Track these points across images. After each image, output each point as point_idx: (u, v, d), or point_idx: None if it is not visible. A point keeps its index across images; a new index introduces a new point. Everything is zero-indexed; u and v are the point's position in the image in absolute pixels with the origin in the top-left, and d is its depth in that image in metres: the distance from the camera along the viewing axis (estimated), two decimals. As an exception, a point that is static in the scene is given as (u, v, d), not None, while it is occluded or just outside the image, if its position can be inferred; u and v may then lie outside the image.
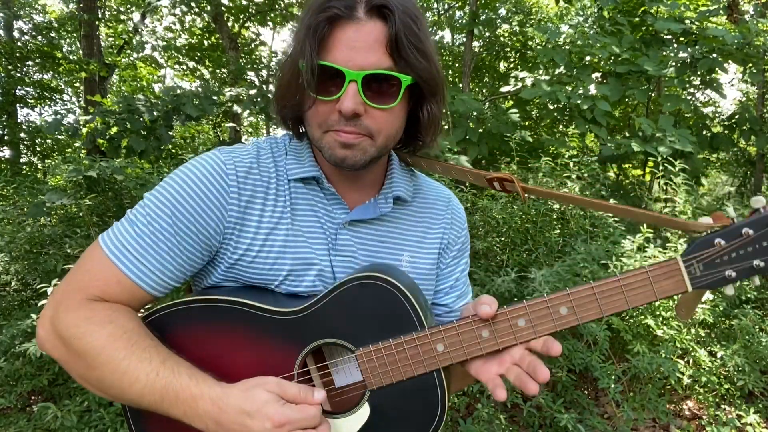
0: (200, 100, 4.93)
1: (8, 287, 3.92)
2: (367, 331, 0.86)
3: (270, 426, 0.75)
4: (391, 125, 0.88)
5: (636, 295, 0.79)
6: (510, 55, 9.44)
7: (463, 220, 1.12)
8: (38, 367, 2.80)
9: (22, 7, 10.46)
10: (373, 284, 0.86)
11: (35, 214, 3.51)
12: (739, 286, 3.56)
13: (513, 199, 4.00)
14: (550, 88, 4.54)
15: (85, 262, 0.89)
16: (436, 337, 0.84)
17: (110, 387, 0.82)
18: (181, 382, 0.79)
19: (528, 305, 0.82)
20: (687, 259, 0.78)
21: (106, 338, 0.81)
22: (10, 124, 9.20)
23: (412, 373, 0.85)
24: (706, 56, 4.59)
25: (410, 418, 0.86)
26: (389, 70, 0.82)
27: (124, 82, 13.64)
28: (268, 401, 0.77)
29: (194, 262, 0.91)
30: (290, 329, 0.87)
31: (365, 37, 0.80)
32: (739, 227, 0.75)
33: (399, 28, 0.80)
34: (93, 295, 0.86)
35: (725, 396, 3.50)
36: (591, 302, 0.80)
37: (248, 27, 10.41)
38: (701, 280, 0.77)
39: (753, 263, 0.75)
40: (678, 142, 4.15)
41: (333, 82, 0.82)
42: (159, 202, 0.87)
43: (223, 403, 0.77)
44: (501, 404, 3.12)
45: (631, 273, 0.79)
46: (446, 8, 10.30)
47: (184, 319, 0.90)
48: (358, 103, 0.82)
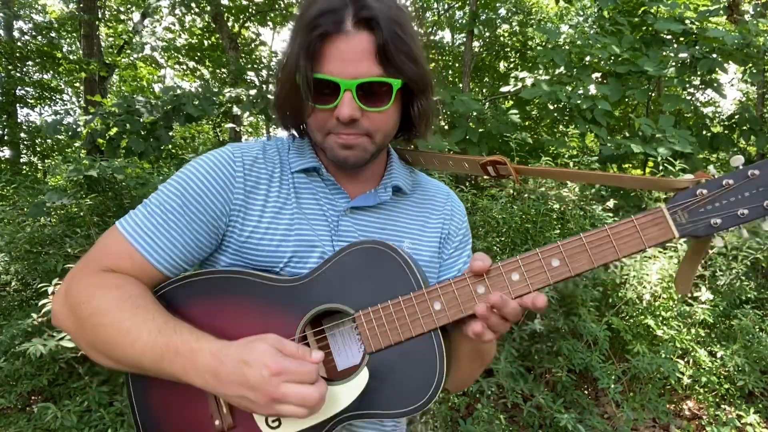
0: (200, 100, 4.93)
1: (8, 287, 3.92)
2: (365, 295, 0.88)
3: (267, 373, 0.76)
4: (386, 124, 0.94)
5: (625, 244, 0.80)
6: (510, 55, 9.44)
7: (462, 213, 1.16)
8: (38, 367, 2.80)
9: (22, 7, 10.45)
10: (369, 248, 0.89)
11: (35, 214, 3.51)
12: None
13: (513, 199, 4.00)
14: (550, 88, 4.54)
15: (100, 241, 0.96)
16: (433, 295, 0.86)
17: (114, 348, 0.85)
18: (182, 338, 0.82)
19: (521, 258, 0.83)
20: (671, 207, 0.80)
21: (112, 301, 0.85)
22: (10, 124, 9.20)
23: (410, 333, 0.86)
24: (706, 56, 4.58)
25: (409, 382, 0.86)
26: (380, 77, 0.87)
27: (124, 82, 13.64)
28: (266, 351, 0.78)
29: (202, 243, 0.95)
30: (290, 298, 0.90)
31: (354, 48, 0.85)
32: (720, 179, 0.79)
33: (385, 38, 0.84)
34: (105, 267, 0.91)
35: (725, 396, 3.50)
36: (581, 252, 0.82)
37: (248, 27, 10.41)
38: (687, 227, 0.80)
39: (737, 212, 0.78)
40: (678, 143, 4.15)
41: (329, 92, 0.88)
42: (171, 187, 0.95)
43: (222, 354, 0.79)
44: (501, 404, 3.12)
45: (618, 223, 0.81)
46: (446, 8, 10.30)
47: (188, 292, 0.93)
48: (354, 109, 0.87)
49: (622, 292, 3.36)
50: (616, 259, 0.82)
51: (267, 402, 0.77)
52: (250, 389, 0.77)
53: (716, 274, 3.62)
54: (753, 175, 0.78)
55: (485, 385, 2.84)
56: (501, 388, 2.94)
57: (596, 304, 3.37)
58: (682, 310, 3.44)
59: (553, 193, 3.77)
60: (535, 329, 3.08)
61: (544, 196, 3.78)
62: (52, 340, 2.37)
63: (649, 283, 3.32)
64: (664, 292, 3.36)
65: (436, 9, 10.52)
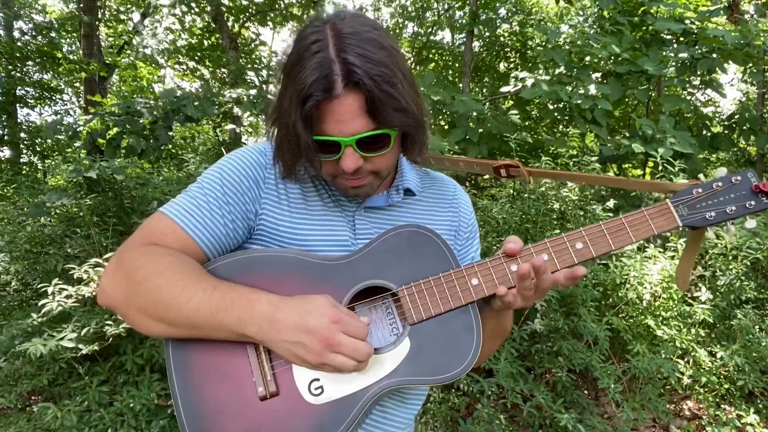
0: (200, 101, 4.93)
1: (8, 287, 3.92)
2: (407, 272, 0.97)
3: (327, 321, 0.83)
4: (390, 161, 1.01)
5: (638, 230, 0.95)
6: (510, 55, 9.44)
7: (469, 206, 1.23)
8: (38, 367, 2.80)
9: (22, 7, 10.45)
10: (409, 231, 0.99)
11: (35, 214, 3.51)
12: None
13: (513, 199, 4.00)
14: (550, 88, 4.54)
15: (146, 223, 1.01)
16: (470, 272, 0.96)
17: (169, 307, 0.88)
18: (238, 290, 0.89)
19: (549, 242, 0.96)
20: (674, 201, 0.97)
21: (166, 264, 0.91)
22: (10, 124, 9.19)
23: (449, 305, 0.95)
24: (706, 56, 4.58)
25: (448, 350, 0.94)
26: (375, 130, 0.92)
27: (124, 82, 13.64)
28: (325, 302, 0.86)
29: (237, 228, 1.01)
30: (335, 275, 0.97)
31: (348, 109, 0.89)
32: (711, 182, 0.98)
33: (375, 94, 0.87)
34: (152, 242, 0.97)
35: (725, 396, 3.50)
36: (602, 237, 0.95)
37: (248, 27, 10.41)
38: (687, 219, 0.96)
39: (726, 209, 0.96)
40: (678, 144, 4.15)
41: (331, 148, 0.93)
42: (210, 175, 1.03)
43: (280, 304, 0.86)
44: (501, 404, 3.12)
45: (631, 213, 0.97)
46: (446, 8, 10.30)
47: (235, 269, 0.97)
48: (356, 160, 0.93)
49: (622, 292, 3.36)
50: (630, 243, 0.95)
51: (322, 348, 0.82)
52: (307, 333, 0.83)
53: (716, 274, 3.62)
54: (736, 181, 0.96)
55: (485, 385, 2.84)
56: (501, 388, 2.94)
57: (596, 304, 3.37)
58: (682, 310, 3.43)
59: (552, 194, 3.77)
60: (535, 329, 3.08)
61: (544, 196, 3.78)
62: (52, 340, 2.38)
63: (649, 283, 3.32)
64: (664, 292, 3.36)
65: (436, 9, 10.52)
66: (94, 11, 8.27)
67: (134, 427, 2.46)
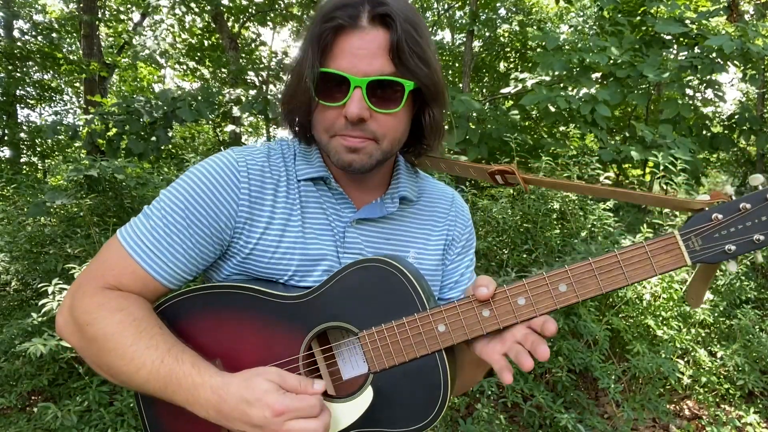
0: (197, 103, 4.92)
1: (8, 287, 3.92)
2: (370, 314, 0.88)
3: (269, 414, 0.76)
4: (395, 129, 0.91)
5: (635, 271, 0.79)
6: (510, 55, 9.44)
7: (467, 217, 1.14)
8: (38, 367, 2.80)
9: (22, 7, 10.45)
10: (376, 266, 0.88)
11: (35, 213, 3.51)
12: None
13: (513, 199, 4.00)
14: (550, 93, 4.54)
15: (102, 253, 0.94)
16: (438, 318, 0.85)
17: (119, 373, 0.85)
18: (184, 370, 0.82)
19: (527, 283, 0.82)
20: (684, 233, 0.78)
21: (116, 325, 0.85)
22: (10, 124, 9.19)
23: (414, 354, 0.86)
24: (706, 60, 4.58)
25: (414, 401, 0.87)
26: (392, 76, 0.84)
27: (124, 82, 13.64)
28: (268, 390, 0.78)
29: (206, 255, 0.94)
30: (295, 314, 0.90)
31: (369, 44, 0.82)
32: (737, 202, 0.75)
33: (401, 36, 0.82)
34: (108, 284, 0.90)
35: (725, 396, 3.50)
36: (590, 278, 0.80)
37: (248, 27, 10.41)
38: (700, 255, 0.77)
39: (753, 237, 0.75)
40: (678, 149, 4.15)
41: (338, 89, 0.85)
42: (173, 197, 0.91)
43: (223, 392, 0.79)
44: (501, 404, 3.12)
45: (629, 248, 0.79)
46: (446, 8, 10.30)
47: (193, 307, 0.93)
48: (363, 108, 0.84)
49: (622, 292, 3.36)
50: (625, 286, 0.80)
51: None
52: (253, 427, 0.78)
53: (716, 274, 3.62)
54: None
55: (485, 385, 2.84)
56: (501, 388, 2.94)
57: (596, 304, 3.37)
58: (682, 311, 3.44)
59: (553, 193, 3.77)
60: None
61: (544, 196, 3.78)
62: (52, 339, 2.37)
63: (649, 283, 3.32)
64: (664, 292, 3.36)
65: (436, 9, 10.52)
66: (94, 11, 8.26)
67: (134, 427, 2.46)
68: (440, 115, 0.96)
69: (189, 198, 0.90)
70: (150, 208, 0.93)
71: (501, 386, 2.92)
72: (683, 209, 0.84)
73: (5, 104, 8.76)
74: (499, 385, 2.91)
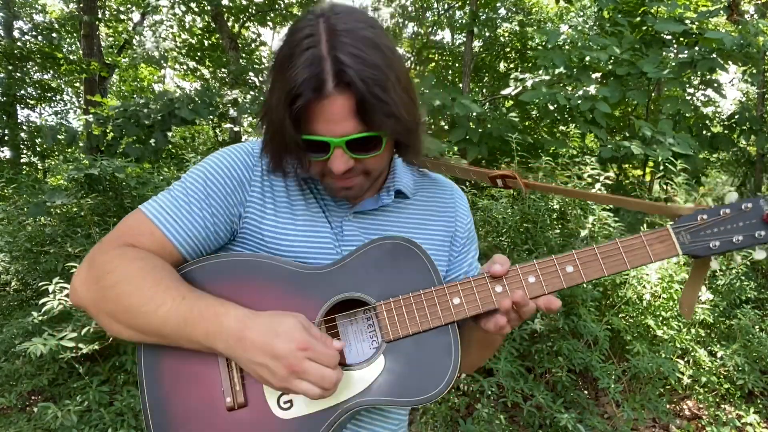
0: (195, 104, 4.93)
1: (8, 287, 3.92)
2: (387, 287, 0.93)
3: (294, 347, 0.79)
4: (381, 163, 0.97)
5: (634, 257, 0.90)
6: (510, 55, 9.44)
7: (466, 210, 1.17)
8: (38, 366, 2.81)
9: (22, 7, 10.45)
10: (397, 243, 0.94)
11: (36, 213, 3.51)
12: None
13: (513, 199, 4.00)
14: (549, 91, 4.54)
15: (123, 220, 0.99)
16: (453, 291, 0.92)
17: (137, 315, 0.86)
18: (207, 302, 0.86)
19: (538, 263, 0.91)
20: (676, 227, 0.91)
21: (137, 270, 0.88)
22: (10, 125, 9.19)
23: (428, 324, 0.91)
24: (706, 57, 4.58)
25: (424, 371, 0.90)
26: (366, 132, 0.88)
27: (124, 82, 13.64)
28: (296, 326, 0.82)
29: (219, 230, 0.98)
30: (314, 283, 0.93)
31: (338, 110, 0.86)
32: (718, 208, 0.91)
33: (364, 98, 0.84)
34: (127, 243, 0.94)
35: (725, 396, 3.50)
36: (594, 261, 0.90)
37: (248, 27, 10.41)
38: (689, 247, 0.90)
39: (733, 238, 0.89)
40: (678, 146, 4.15)
41: (320, 148, 0.89)
42: (194, 174, 1.00)
43: (250, 321, 0.83)
44: (501, 404, 3.12)
45: (628, 238, 0.91)
46: (446, 8, 10.30)
47: (212, 273, 0.95)
48: (346, 161, 0.90)
49: (622, 292, 3.36)
50: (625, 270, 0.90)
51: (287, 374, 0.80)
52: (273, 357, 0.80)
53: (716, 274, 3.62)
54: (746, 209, 0.89)
55: (485, 385, 2.84)
56: (501, 387, 2.94)
57: (596, 304, 3.37)
58: (682, 310, 3.44)
59: (552, 194, 3.77)
60: (535, 329, 3.08)
61: (544, 196, 3.78)
62: (52, 339, 2.38)
63: (648, 283, 3.32)
64: (664, 292, 3.36)
65: (436, 9, 10.52)
66: (94, 11, 8.26)
67: (134, 426, 2.46)
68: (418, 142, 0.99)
69: (208, 174, 0.98)
70: (171, 186, 1.00)
71: (501, 386, 2.92)
72: (671, 214, 0.96)
73: (5, 104, 8.76)
74: (499, 385, 2.91)
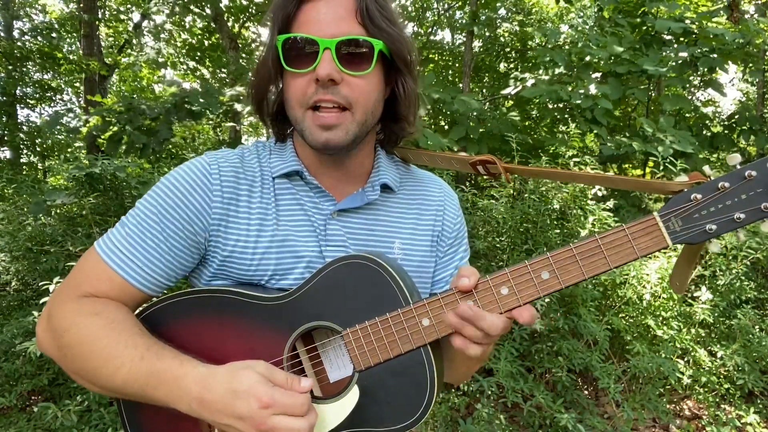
0: (205, 96, 4.96)
1: (8, 287, 3.92)
2: (353, 311, 0.86)
3: (257, 406, 0.74)
4: (368, 95, 0.90)
5: (617, 254, 0.78)
6: (510, 55, 9.44)
7: (456, 207, 1.11)
8: (38, 366, 2.80)
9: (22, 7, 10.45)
10: (357, 263, 0.86)
11: (36, 211, 3.52)
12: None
13: (513, 199, 4.00)
14: (550, 87, 4.54)
15: (80, 264, 0.93)
16: (421, 311, 0.84)
17: (98, 377, 0.84)
18: (164, 363, 0.80)
19: (510, 272, 0.82)
20: (664, 214, 0.77)
21: (92, 328, 0.84)
22: (10, 125, 9.19)
23: (399, 349, 0.84)
24: (706, 56, 4.59)
25: (400, 398, 0.85)
26: (361, 36, 0.85)
27: (124, 82, 13.64)
28: (256, 382, 0.76)
29: (183, 260, 0.93)
30: (278, 315, 0.88)
31: (335, 9, 0.84)
32: (715, 182, 0.76)
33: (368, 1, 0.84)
34: (86, 292, 0.89)
35: (725, 396, 3.50)
36: (572, 264, 0.79)
37: (248, 27, 10.41)
38: (681, 235, 0.77)
39: (734, 216, 0.74)
40: (678, 143, 4.15)
41: (308, 54, 0.85)
42: (148, 204, 0.92)
43: (207, 383, 0.77)
44: (501, 404, 3.12)
45: (609, 232, 0.79)
46: (446, 8, 10.30)
47: (174, 313, 0.92)
48: (333, 69, 0.84)
49: (622, 292, 3.36)
50: (607, 270, 0.79)
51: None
52: (238, 419, 0.75)
53: (716, 274, 3.62)
54: (750, 176, 0.74)
55: (485, 385, 2.84)
56: (501, 387, 2.94)
57: (596, 304, 3.37)
58: (682, 310, 3.44)
59: (553, 193, 3.77)
60: (535, 329, 3.08)
61: (544, 196, 3.78)
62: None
63: (648, 283, 3.32)
64: (664, 292, 3.36)
65: (436, 9, 10.52)
66: (94, 11, 8.26)
67: None
68: (413, 86, 0.95)
69: (162, 203, 0.90)
70: (125, 217, 0.93)
71: (501, 386, 2.92)
72: (662, 192, 0.83)
73: (5, 104, 8.76)
74: (499, 385, 2.91)
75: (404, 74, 0.94)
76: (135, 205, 0.94)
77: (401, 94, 0.95)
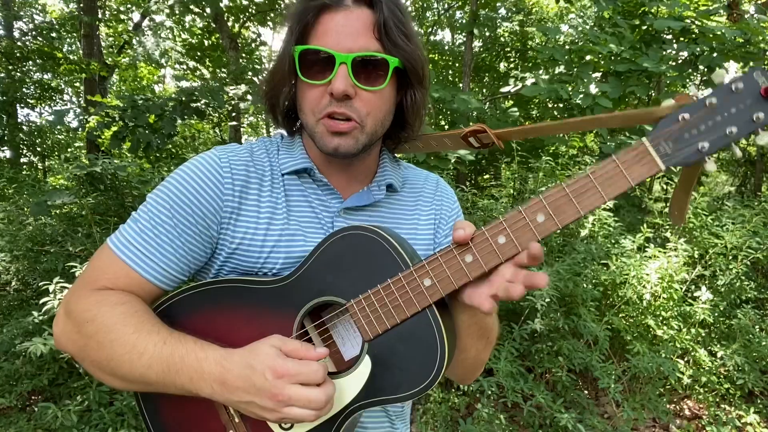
0: (212, 93, 4.98)
1: (8, 287, 3.92)
2: (356, 283, 0.87)
3: (270, 377, 0.76)
4: (379, 109, 0.91)
5: (610, 186, 0.76)
6: (510, 55, 9.44)
7: (452, 197, 1.14)
8: (38, 366, 2.80)
9: (22, 7, 10.45)
10: (352, 234, 0.87)
11: (37, 212, 3.52)
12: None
13: (513, 199, 4.00)
14: (550, 86, 4.54)
15: (94, 261, 0.94)
16: (421, 272, 0.83)
17: (120, 364, 0.84)
18: (187, 347, 0.83)
19: (505, 220, 0.80)
20: (653, 138, 0.75)
21: (116, 317, 0.85)
22: (10, 125, 9.19)
23: (404, 314, 0.84)
24: (707, 54, 4.58)
25: (413, 363, 0.85)
26: (377, 52, 0.86)
27: (124, 82, 13.65)
28: (269, 353, 0.78)
29: (196, 254, 0.94)
30: (283, 297, 0.90)
31: (354, 23, 0.84)
32: (702, 100, 0.74)
33: (386, 14, 0.84)
34: (103, 287, 0.91)
35: (725, 396, 3.50)
36: (566, 203, 0.78)
37: (248, 27, 10.41)
38: (673, 157, 0.75)
39: (725, 131, 0.73)
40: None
41: (323, 67, 0.86)
42: (159, 198, 0.92)
43: (227, 362, 0.80)
44: (501, 404, 3.12)
45: (600, 165, 0.76)
46: (446, 8, 10.30)
47: (183, 307, 0.93)
48: (348, 84, 0.85)
49: (622, 291, 3.36)
50: (603, 203, 0.77)
51: (274, 405, 0.77)
52: (256, 394, 0.77)
53: (716, 274, 3.62)
54: (737, 89, 0.72)
55: (485, 385, 2.84)
56: (501, 387, 2.94)
57: (596, 304, 3.37)
58: (682, 310, 3.44)
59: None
60: (535, 329, 3.08)
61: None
62: (52, 339, 2.37)
63: (648, 283, 3.32)
64: (664, 292, 3.36)
65: (436, 9, 10.52)
66: (94, 11, 8.26)
67: (134, 426, 2.46)
68: (422, 98, 0.97)
69: (174, 197, 0.91)
70: (137, 213, 0.94)
71: (501, 386, 2.92)
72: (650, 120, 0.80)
73: (5, 104, 8.76)
74: (499, 385, 2.91)
75: (416, 87, 0.95)
76: (146, 200, 0.94)
77: (411, 105, 0.96)
